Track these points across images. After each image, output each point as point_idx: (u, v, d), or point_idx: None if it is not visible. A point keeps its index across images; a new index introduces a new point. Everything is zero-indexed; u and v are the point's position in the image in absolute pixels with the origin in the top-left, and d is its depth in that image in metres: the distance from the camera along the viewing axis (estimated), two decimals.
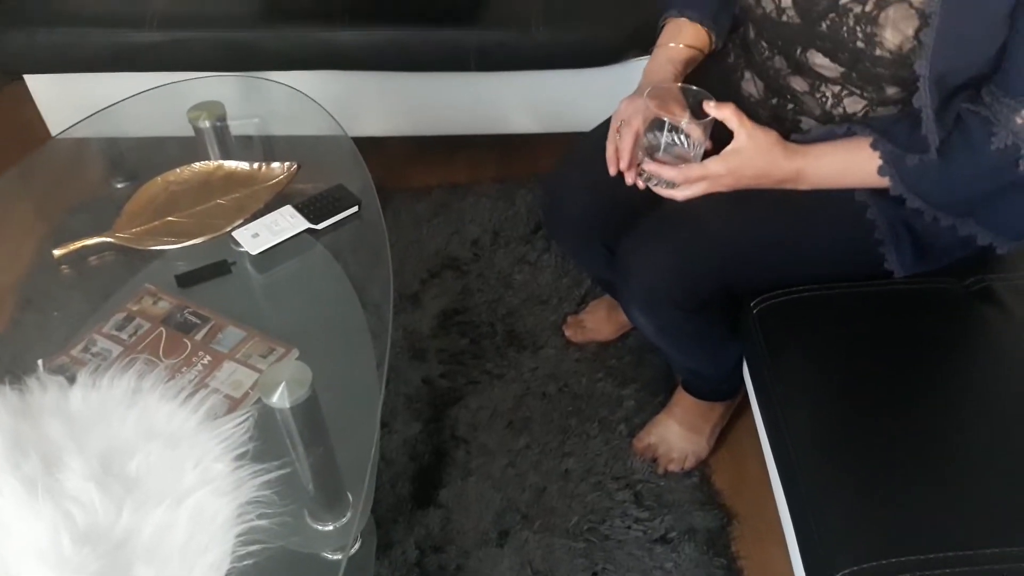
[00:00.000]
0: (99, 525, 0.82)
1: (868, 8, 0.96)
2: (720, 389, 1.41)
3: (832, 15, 1.00)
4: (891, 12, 0.95)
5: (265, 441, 0.94)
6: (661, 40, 1.21)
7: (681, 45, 1.19)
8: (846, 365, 1.05)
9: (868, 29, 0.97)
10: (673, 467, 1.41)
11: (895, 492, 0.91)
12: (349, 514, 0.95)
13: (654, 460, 1.42)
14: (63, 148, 1.49)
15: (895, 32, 0.95)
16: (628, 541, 1.33)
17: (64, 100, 1.83)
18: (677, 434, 1.42)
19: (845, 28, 0.99)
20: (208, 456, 0.90)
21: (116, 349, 1.08)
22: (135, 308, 1.14)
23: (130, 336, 1.10)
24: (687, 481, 1.40)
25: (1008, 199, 1.00)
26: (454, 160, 2.02)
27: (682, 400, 1.43)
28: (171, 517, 0.84)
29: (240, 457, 0.91)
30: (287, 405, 0.91)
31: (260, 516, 0.87)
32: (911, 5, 0.93)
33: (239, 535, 0.85)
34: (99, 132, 1.46)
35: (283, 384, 0.91)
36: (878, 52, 0.97)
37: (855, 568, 0.85)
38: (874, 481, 0.93)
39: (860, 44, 0.98)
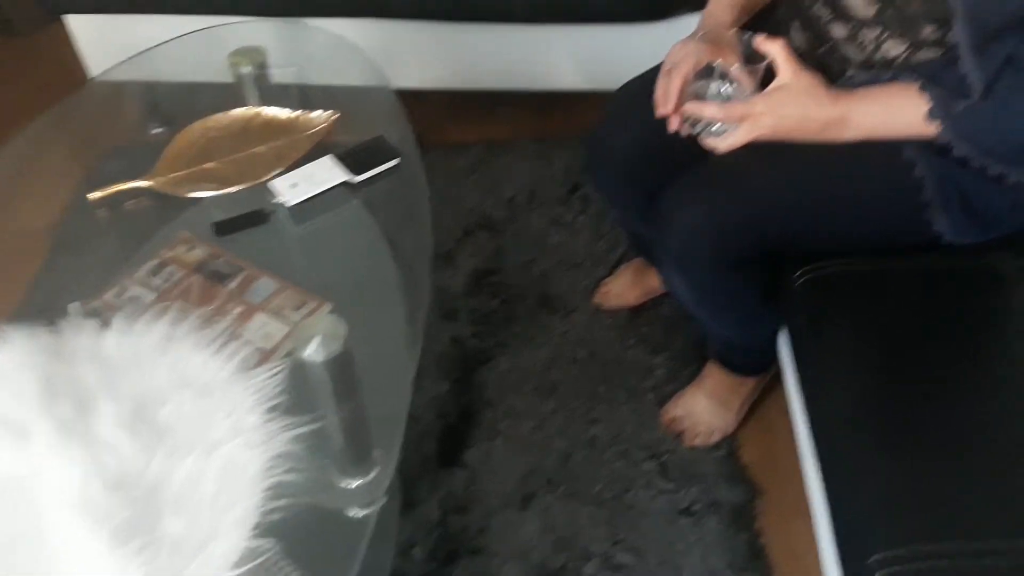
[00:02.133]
0: (129, 472, 0.82)
1: None
2: (753, 363, 1.39)
3: None
4: None
5: (296, 394, 0.94)
6: None
7: None
8: (891, 344, 1.02)
9: None
10: (699, 442, 1.40)
11: (935, 477, 0.89)
12: (376, 470, 0.95)
13: (680, 434, 1.41)
14: (101, 91, 1.48)
15: None
16: (651, 512, 1.32)
17: (104, 41, 1.81)
18: (705, 408, 1.41)
19: None
20: (240, 407, 0.90)
21: (149, 296, 1.08)
22: (169, 255, 1.13)
23: (164, 283, 1.10)
24: (714, 454, 1.39)
25: None
26: (494, 116, 1.99)
27: (713, 373, 1.41)
28: (201, 467, 0.84)
29: (272, 410, 0.91)
30: (321, 359, 0.90)
31: (289, 471, 0.86)
32: None
33: (267, 489, 0.85)
34: (138, 75, 1.45)
35: (318, 337, 0.90)
36: None
37: (890, 553, 0.83)
38: (913, 465, 0.91)
39: None
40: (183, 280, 1.10)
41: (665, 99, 1.07)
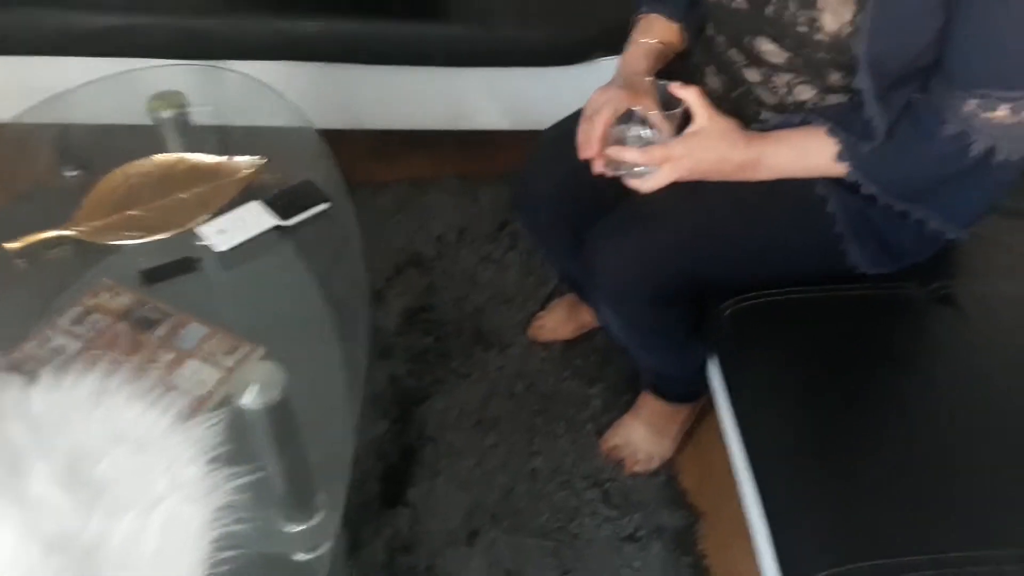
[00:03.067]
0: (67, 532, 0.79)
1: None
2: (686, 391, 1.42)
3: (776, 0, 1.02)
4: None
5: (235, 443, 0.92)
6: (634, 36, 1.23)
7: (654, 40, 1.21)
8: (817, 369, 1.06)
9: (809, 13, 0.99)
10: (639, 468, 1.42)
11: (869, 495, 0.93)
12: (321, 515, 0.93)
13: (620, 462, 1.43)
14: (11, 134, 1.43)
15: (834, 16, 0.98)
16: (597, 540, 1.33)
17: (14, 85, 1.74)
18: (643, 436, 1.43)
19: (787, 12, 1.02)
20: (179, 460, 0.87)
21: (73, 345, 1.04)
22: (93, 302, 1.10)
23: (88, 331, 1.06)
24: (654, 480, 1.41)
25: (958, 186, 1.03)
26: (416, 155, 1.99)
27: (648, 403, 1.44)
28: (142, 524, 0.81)
29: (212, 461, 0.88)
30: (260, 407, 0.89)
31: (235, 522, 0.84)
32: None
33: (212, 541, 0.83)
34: (50, 118, 1.41)
35: (255, 385, 0.88)
36: (818, 36, 0.99)
37: (832, 571, 0.86)
38: (848, 485, 0.94)
39: (802, 28, 1.01)
40: (109, 328, 1.06)
41: (588, 143, 1.09)
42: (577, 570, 1.30)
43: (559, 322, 1.62)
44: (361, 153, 1.96)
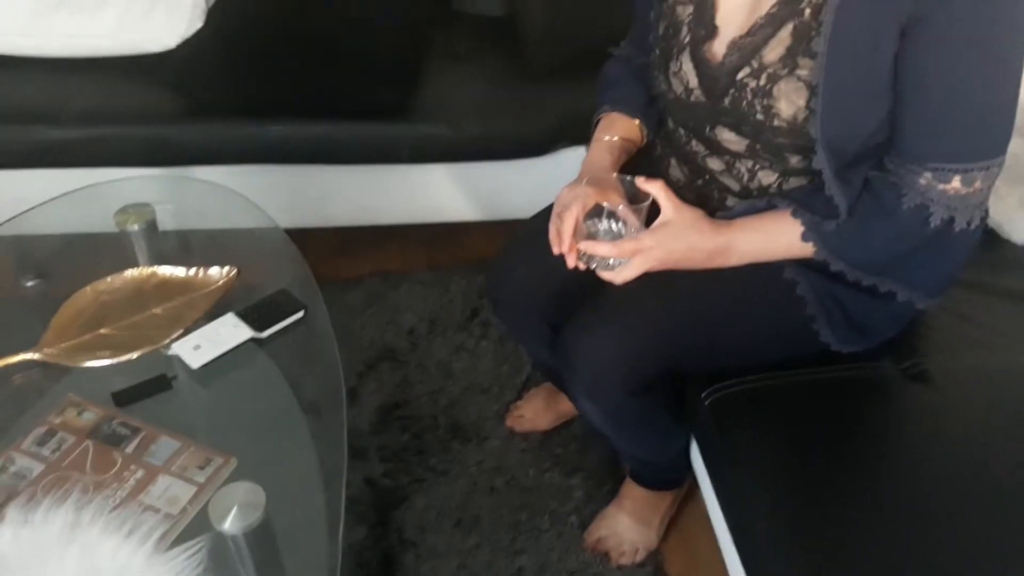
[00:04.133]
0: None
1: (762, 83, 1.03)
2: (668, 478, 1.42)
3: (732, 91, 1.06)
4: (783, 85, 1.01)
5: (216, 569, 0.89)
6: (597, 134, 1.26)
7: (616, 137, 1.23)
8: (798, 451, 1.07)
9: (764, 102, 1.03)
10: (624, 560, 1.40)
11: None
12: None
13: (605, 555, 1.41)
14: None
15: (788, 103, 1.01)
16: None
17: None
18: (627, 526, 1.42)
19: (744, 102, 1.05)
20: None
21: (37, 467, 1.01)
22: (58, 421, 1.07)
23: (52, 452, 1.03)
24: (641, 571, 1.39)
25: (922, 258, 1.07)
26: (384, 248, 2.00)
27: (631, 492, 1.43)
28: None
29: None
30: (240, 531, 0.87)
31: None
32: (799, 79, 1.00)
33: None
34: (15, 231, 1.39)
35: (235, 508, 0.86)
36: (776, 123, 1.03)
37: None
38: (834, 568, 0.95)
39: (760, 116, 1.04)
40: (75, 446, 1.04)
41: (559, 239, 1.10)
42: None
43: (537, 412, 1.61)
44: (329, 250, 1.97)
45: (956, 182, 0.98)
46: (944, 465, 1.05)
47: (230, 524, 0.86)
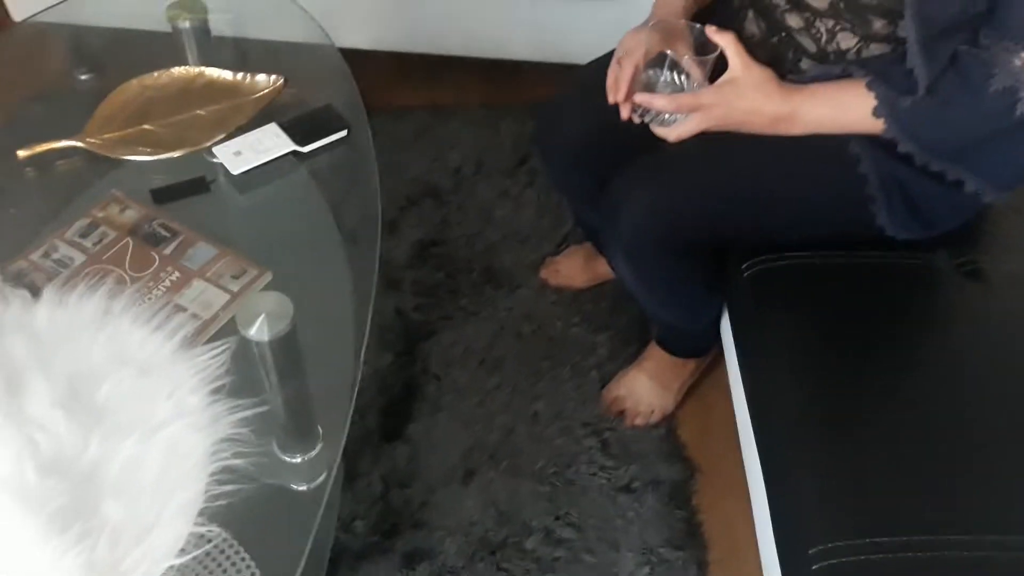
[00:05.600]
0: (65, 455, 0.79)
1: None
2: (694, 346, 1.41)
3: None
4: None
5: (239, 372, 0.91)
6: None
7: None
8: (835, 338, 1.05)
9: None
10: (639, 421, 1.42)
11: (873, 471, 0.92)
12: (321, 445, 0.93)
13: (621, 413, 1.43)
14: (24, 34, 1.39)
15: None
16: (592, 488, 1.34)
17: None
18: (646, 388, 1.43)
19: None
20: (183, 388, 0.87)
21: (79, 257, 1.03)
22: (100, 215, 1.08)
23: (94, 244, 1.04)
24: (654, 432, 1.41)
25: (1000, 145, 1.00)
26: (439, 81, 1.94)
27: (655, 355, 1.43)
28: (142, 450, 0.81)
29: (216, 391, 0.88)
30: (266, 339, 0.87)
31: (235, 455, 0.84)
32: None
33: (212, 474, 0.82)
34: (65, 19, 1.36)
35: (263, 316, 0.87)
36: None
37: (829, 545, 0.86)
38: (853, 458, 0.93)
39: None
40: (116, 242, 1.05)
41: (616, 87, 1.06)
42: (570, 516, 1.30)
43: (574, 270, 1.60)
44: (383, 76, 1.91)
45: None
46: (986, 370, 1.01)
47: (256, 330, 0.87)
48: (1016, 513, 0.89)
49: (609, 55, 1.13)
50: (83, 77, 1.33)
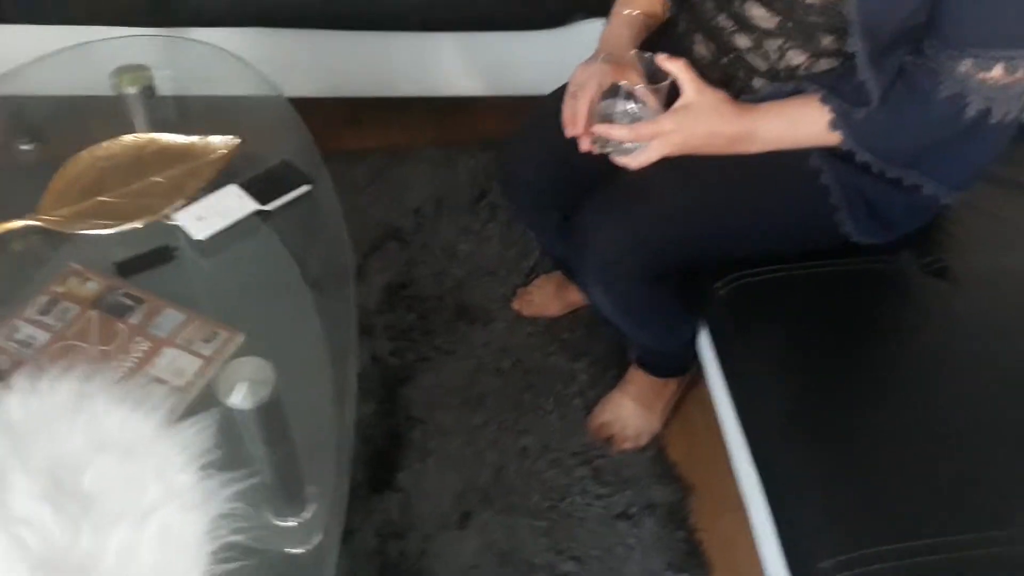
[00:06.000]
0: (56, 550, 0.75)
1: None
2: (674, 365, 1.42)
3: None
4: None
5: (224, 444, 0.88)
6: (616, 8, 1.20)
7: (636, 12, 1.18)
8: (815, 345, 1.06)
9: None
10: (628, 445, 1.42)
11: (873, 477, 0.92)
12: (313, 507, 0.91)
13: (609, 439, 1.42)
14: None
15: None
16: (589, 518, 1.33)
17: None
18: (631, 411, 1.43)
19: None
20: (171, 467, 0.84)
21: (42, 336, 1.00)
22: (60, 290, 1.05)
23: (57, 320, 1.01)
24: (643, 455, 1.41)
25: (952, 148, 1.02)
26: (391, 123, 1.93)
27: (636, 377, 1.43)
28: (136, 537, 0.77)
29: (205, 467, 0.85)
30: (250, 407, 0.85)
31: (234, 531, 0.81)
32: None
33: (212, 552, 0.80)
34: (6, 91, 1.33)
35: (244, 384, 0.85)
36: (809, 0, 0.98)
37: (840, 558, 0.86)
38: (849, 466, 0.94)
39: None
40: (79, 316, 1.02)
41: (574, 121, 1.06)
42: (571, 549, 1.29)
43: (547, 298, 1.60)
44: (333, 121, 1.89)
45: (998, 70, 0.92)
46: (959, 363, 1.03)
47: (241, 399, 0.85)
48: (1016, 506, 0.90)
49: (559, 91, 1.13)
50: (24, 148, 1.30)
